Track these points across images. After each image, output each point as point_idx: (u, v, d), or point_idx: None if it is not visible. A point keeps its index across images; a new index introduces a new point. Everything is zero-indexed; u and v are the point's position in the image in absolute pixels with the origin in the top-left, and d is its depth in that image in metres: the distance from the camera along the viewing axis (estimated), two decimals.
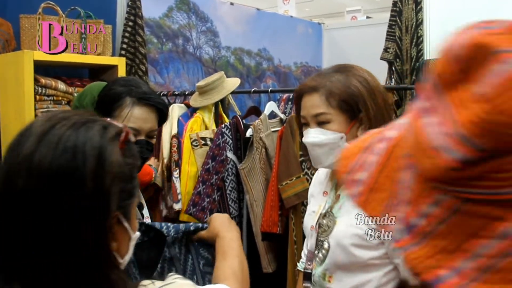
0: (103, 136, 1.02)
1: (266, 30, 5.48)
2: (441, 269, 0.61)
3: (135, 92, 2.03)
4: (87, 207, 0.96)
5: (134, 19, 4.17)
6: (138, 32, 4.16)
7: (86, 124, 1.03)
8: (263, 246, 3.25)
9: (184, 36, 4.74)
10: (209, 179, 3.29)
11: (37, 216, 0.95)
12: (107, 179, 0.99)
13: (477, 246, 0.59)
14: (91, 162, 0.97)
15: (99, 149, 0.99)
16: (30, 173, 0.96)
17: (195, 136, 3.43)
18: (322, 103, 1.81)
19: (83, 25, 3.76)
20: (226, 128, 3.35)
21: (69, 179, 0.96)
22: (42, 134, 0.99)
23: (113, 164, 1.00)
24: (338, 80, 1.81)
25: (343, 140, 1.80)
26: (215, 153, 3.31)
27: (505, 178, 0.57)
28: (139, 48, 4.14)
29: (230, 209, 3.34)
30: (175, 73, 4.63)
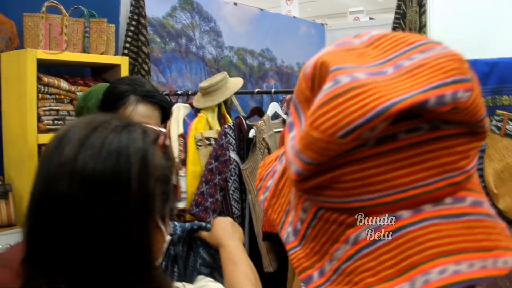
0: (144, 140, 1.02)
1: (269, 30, 5.48)
2: (312, 270, 0.65)
3: (139, 91, 2.07)
4: (133, 210, 0.97)
5: (138, 18, 4.17)
6: (141, 32, 4.15)
7: (127, 127, 1.03)
8: (264, 246, 3.26)
9: (187, 35, 4.73)
10: (212, 179, 3.29)
11: (82, 219, 0.95)
12: (151, 181, 0.99)
13: (334, 250, 0.64)
14: (135, 165, 0.97)
15: (143, 152, 1.00)
16: (73, 177, 0.95)
17: (200, 136, 3.43)
18: None
19: (86, 24, 3.76)
20: (229, 129, 3.36)
21: (115, 182, 0.96)
22: (84, 137, 0.98)
23: (156, 167, 1.01)
24: None
25: None
26: (218, 153, 3.31)
27: (347, 188, 0.61)
28: (142, 47, 4.14)
29: (232, 209, 3.34)
30: (177, 73, 4.63)
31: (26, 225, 1.00)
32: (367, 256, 0.61)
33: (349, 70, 0.59)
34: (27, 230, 1.00)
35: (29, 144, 3.27)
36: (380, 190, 0.60)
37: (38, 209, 0.98)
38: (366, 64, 0.61)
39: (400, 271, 0.58)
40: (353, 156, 0.60)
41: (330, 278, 0.63)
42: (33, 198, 0.99)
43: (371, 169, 0.60)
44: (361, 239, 0.61)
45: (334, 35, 6.02)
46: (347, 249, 0.62)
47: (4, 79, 3.59)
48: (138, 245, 0.99)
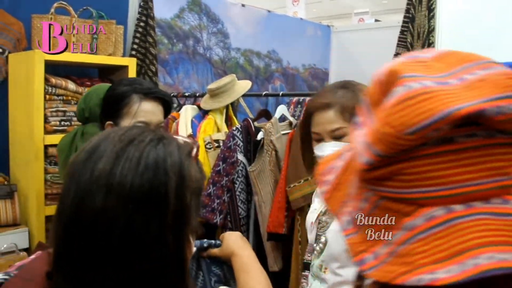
0: (180, 152, 1.02)
1: (275, 32, 5.46)
2: (366, 253, 0.72)
3: (140, 89, 2.10)
4: (171, 223, 0.96)
5: (146, 19, 4.16)
6: (149, 33, 4.14)
7: (163, 140, 1.02)
8: (269, 246, 3.27)
9: (195, 37, 4.72)
10: (220, 180, 3.28)
11: (120, 234, 0.93)
12: (188, 194, 1.00)
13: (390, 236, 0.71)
14: (173, 179, 0.97)
15: (179, 165, 0.99)
16: (110, 191, 0.93)
17: (209, 139, 3.43)
18: (338, 119, 1.89)
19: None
20: (237, 131, 3.35)
21: (153, 196, 0.95)
22: (120, 150, 0.97)
23: (192, 179, 1.01)
24: (346, 95, 1.90)
25: None
26: (226, 155, 3.30)
27: (407, 180, 0.68)
28: (149, 48, 4.13)
29: (239, 209, 3.34)
30: (184, 74, 4.62)
31: (56, 239, 0.98)
32: (422, 241, 0.67)
33: (418, 78, 0.69)
34: (57, 244, 0.98)
35: (35, 145, 3.27)
36: (436, 185, 0.67)
37: (71, 224, 0.96)
38: (433, 75, 0.70)
39: (451, 254, 0.64)
40: (416, 153, 0.68)
41: (385, 260, 0.69)
42: (64, 213, 0.97)
43: (430, 166, 0.68)
44: (416, 226, 0.68)
45: (340, 37, 6.00)
46: (403, 234, 0.69)
47: (12, 80, 3.59)
48: (175, 257, 0.99)
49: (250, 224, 3.41)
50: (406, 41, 3.86)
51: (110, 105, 2.14)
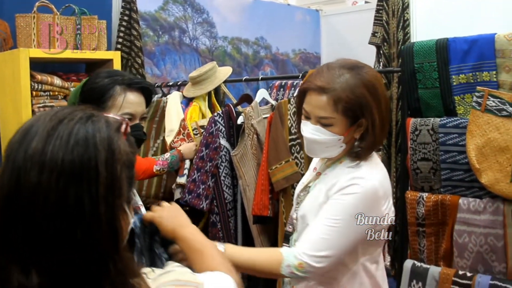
0: (109, 128, 1.05)
1: (263, 19, 5.40)
2: None
3: (121, 80, 2.02)
4: (103, 194, 0.98)
5: (129, 13, 4.14)
6: (133, 26, 4.12)
7: (91, 118, 1.05)
8: (256, 229, 3.25)
9: (180, 28, 4.69)
10: (204, 166, 3.26)
11: (54, 207, 0.96)
12: (118, 167, 1.02)
13: None
14: (102, 152, 1.00)
15: (108, 140, 1.02)
16: (43, 167, 0.96)
17: (195, 125, 3.41)
18: (329, 107, 1.80)
19: (77, 22, 3.73)
20: (218, 116, 3.32)
21: (84, 170, 0.98)
22: (51, 129, 1.00)
23: (122, 153, 1.04)
24: (347, 83, 1.79)
25: (340, 141, 1.85)
26: (209, 141, 3.28)
27: None
28: (134, 41, 4.11)
29: (224, 194, 3.32)
30: (172, 65, 4.59)
31: None
32: None
33: None
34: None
35: None
36: None
37: (8, 200, 0.98)
38: None
39: None
40: None
41: None
42: (1, 191, 0.99)
43: None
44: None
45: (329, 21, 5.92)
46: None
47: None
48: (108, 228, 1.00)
49: (238, 208, 3.39)
50: (382, 20, 3.81)
51: (92, 99, 2.01)
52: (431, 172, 2.71)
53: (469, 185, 2.59)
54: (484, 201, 2.52)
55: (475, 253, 2.54)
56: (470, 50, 2.60)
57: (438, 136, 2.65)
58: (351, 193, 1.79)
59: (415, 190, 2.79)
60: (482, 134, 2.48)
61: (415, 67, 2.74)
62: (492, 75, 2.54)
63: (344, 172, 1.86)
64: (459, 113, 2.65)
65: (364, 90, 1.79)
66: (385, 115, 1.86)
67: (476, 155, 2.49)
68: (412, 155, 2.76)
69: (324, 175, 1.96)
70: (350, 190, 1.80)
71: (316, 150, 1.92)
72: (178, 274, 1.17)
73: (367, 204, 1.79)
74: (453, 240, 2.61)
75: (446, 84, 2.66)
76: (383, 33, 3.82)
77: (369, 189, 1.80)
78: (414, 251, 2.80)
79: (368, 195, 1.80)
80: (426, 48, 2.71)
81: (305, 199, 1.99)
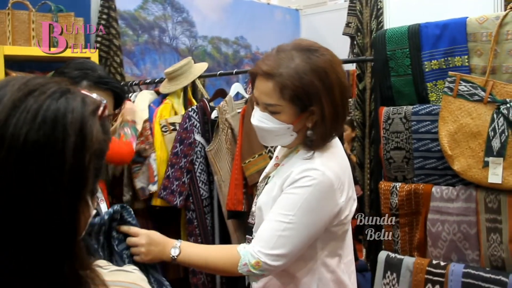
0: (84, 109, 0.89)
1: (243, 18, 5.33)
2: None
3: (91, 76, 1.94)
4: (65, 184, 0.85)
5: (108, 11, 4.08)
6: (112, 25, 4.06)
7: (66, 94, 0.90)
8: (232, 225, 3.14)
9: (160, 27, 4.61)
10: (178, 162, 3.16)
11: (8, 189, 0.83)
12: (87, 155, 0.88)
13: None
14: (72, 137, 0.86)
15: (81, 123, 0.88)
16: (2, 142, 0.82)
17: (164, 122, 3.31)
18: (275, 94, 1.67)
19: (53, 19, 3.64)
20: (193, 112, 3.22)
21: (48, 153, 0.83)
22: (18, 100, 0.86)
23: (93, 140, 0.89)
24: (294, 69, 1.64)
25: (290, 129, 1.73)
26: (183, 137, 3.18)
27: None
28: (113, 40, 4.04)
29: (200, 191, 3.21)
30: (151, 64, 4.51)
31: None
32: None
33: None
34: None
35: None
36: None
37: None
38: None
39: None
40: None
41: None
42: None
43: None
44: None
45: (309, 20, 5.86)
46: None
47: None
48: (66, 220, 0.88)
49: (214, 204, 3.28)
50: (356, 9, 3.73)
51: None
52: (404, 161, 2.62)
53: (442, 173, 2.49)
54: (456, 188, 2.42)
55: (448, 241, 2.44)
56: (442, 35, 2.50)
57: (411, 124, 2.56)
58: (303, 186, 1.66)
59: (389, 181, 2.69)
60: (454, 120, 2.38)
61: (387, 55, 2.65)
62: (464, 59, 2.45)
63: (298, 164, 1.73)
64: (432, 100, 2.55)
65: (313, 77, 1.64)
66: (338, 103, 1.70)
67: (448, 142, 2.39)
68: (385, 144, 2.66)
69: (282, 166, 1.84)
70: (302, 183, 1.67)
71: (267, 138, 1.81)
72: (136, 277, 1.04)
73: (320, 196, 1.67)
74: (426, 229, 2.52)
75: (419, 70, 2.56)
76: (356, 23, 3.74)
77: (322, 181, 1.66)
78: (388, 242, 2.70)
79: (321, 187, 1.66)
80: (398, 35, 2.62)
81: (262, 191, 1.88)
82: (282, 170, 1.80)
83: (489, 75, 2.33)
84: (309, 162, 1.71)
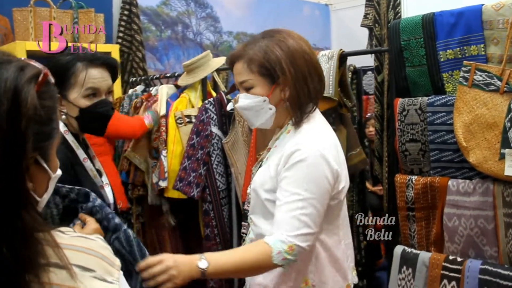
0: (18, 78, 0.91)
1: (270, 13, 5.26)
2: None
3: (83, 56, 1.98)
4: (2, 149, 0.87)
5: (129, 7, 4.10)
6: (133, 20, 4.08)
7: (1, 64, 0.92)
8: None
9: (183, 23, 4.60)
10: (194, 154, 3.13)
11: None
12: (23, 121, 0.89)
13: None
14: (5, 105, 0.88)
15: (14, 91, 0.89)
16: None
17: (180, 114, 3.28)
18: (244, 71, 1.82)
19: (74, 15, 3.67)
20: (209, 104, 3.19)
21: None
22: None
23: (29, 107, 0.91)
24: (260, 46, 1.80)
25: (266, 102, 1.83)
26: (199, 129, 3.15)
27: None
28: (135, 35, 4.06)
29: (217, 183, 3.18)
30: (175, 60, 4.50)
31: None
32: None
33: None
34: None
35: None
36: None
37: None
38: None
39: None
40: None
41: None
42: None
43: None
44: None
45: (339, 15, 5.75)
46: None
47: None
48: (7, 184, 0.89)
49: (231, 196, 3.24)
50: (373, 0, 3.64)
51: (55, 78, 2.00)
52: (420, 154, 2.53)
53: (459, 165, 2.40)
54: (473, 182, 2.32)
55: (465, 237, 2.35)
56: (457, 23, 2.40)
57: (426, 116, 2.47)
58: (297, 162, 1.72)
59: (405, 173, 2.61)
60: (469, 111, 2.29)
61: (401, 45, 2.56)
62: (480, 48, 2.35)
63: (289, 142, 1.80)
64: (448, 91, 2.46)
65: (274, 47, 1.77)
66: (304, 70, 1.79)
67: (463, 133, 2.30)
68: (400, 136, 2.58)
69: (274, 148, 1.90)
70: (295, 159, 1.72)
71: (251, 119, 1.89)
72: (96, 245, 1.01)
73: (317, 164, 1.72)
74: (443, 224, 2.43)
75: (434, 60, 2.47)
76: (374, 14, 3.65)
77: (312, 151, 1.73)
78: (404, 236, 2.62)
79: (314, 157, 1.72)
80: (412, 24, 2.53)
81: (256, 174, 1.93)
82: (275, 151, 1.87)
83: (505, 64, 2.23)
84: (297, 137, 1.79)
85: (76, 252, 0.96)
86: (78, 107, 1.95)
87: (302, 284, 1.84)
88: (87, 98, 1.96)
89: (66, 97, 1.95)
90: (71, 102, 1.95)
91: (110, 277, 0.99)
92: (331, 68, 2.79)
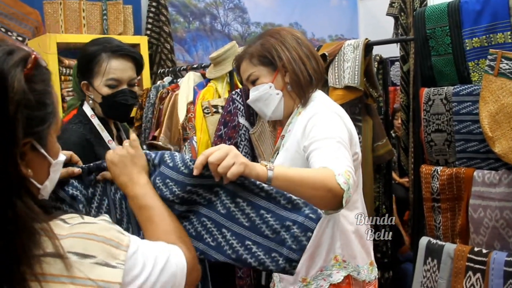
0: (5, 62, 0.92)
1: (296, 4, 5.23)
2: None
3: (108, 47, 2.07)
4: None
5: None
6: (161, 12, 4.09)
7: None
8: None
9: (211, 14, 4.60)
10: None
11: None
12: (10, 106, 0.89)
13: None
14: None
15: (0, 75, 0.90)
16: None
17: (207, 104, 3.28)
18: (248, 66, 1.97)
19: (103, 7, 3.70)
20: (236, 95, 3.19)
21: None
22: None
23: (16, 91, 0.90)
24: (257, 43, 1.97)
25: (272, 88, 1.94)
26: (227, 119, 3.15)
27: None
28: (163, 27, 4.07)
29: None
30: (203, 51, 4.51)
31: None
32: None
33: None
34: None
35: None
36: None
37: None
38: None
39: None
40: None
41: None
42: None
43: None
44: None
45: (367, 5, 5.68)
46: None
47: None
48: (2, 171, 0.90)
49: None
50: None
51: (83, 66, 2.11)
52: (446, 144, 2.49)
53: (485, 156, 2.35)
54: (499, 173, 2.28)
55: (490, 228, 2.31)
56: (483, 10, 2.36)
57: (452, 106, 2.43)
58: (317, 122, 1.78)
59: (430, 164, 2.58)
60: (495, 100, 2.24)
61: (427, 33, 2.52)
62: (507, 36, 2.30)
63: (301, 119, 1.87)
64: (474, 80, 2.42)
65: (268, 38, 1.94)
66: (298, 51, 1.91)
67: (489, 123, 2.25)
68: (425, 126, 2.55)
69: (288, 132, 1.94)
70: (314, 121, 1.78)
71: (263, 109, 1.99)
72: (98, 228, 0.97)
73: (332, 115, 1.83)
74: (468, 215, 2.39)
75: (459, 49, 2.43)
76: (400, 2, 3.60)
77: (323, 109, 1.86)
78: (430, 227, 2.59)
79: (326, 111, 1.84)
80: (437, 12, 2.49)
81: (275, 161, 1.96)
82: (292, 135, 1.90)
83: None
84: (309, 110, 1.88)
85: (75, 240, 0.94)
86: (101, 94, 2.06)
87: (332, 261, 1.90)
88: (108, 87, 2.05)
89: (92, 84, 2.07)
90: (96, 89, 2.06)
91: (114, 260, 0.96)
92: (357, 57, 2.76)
